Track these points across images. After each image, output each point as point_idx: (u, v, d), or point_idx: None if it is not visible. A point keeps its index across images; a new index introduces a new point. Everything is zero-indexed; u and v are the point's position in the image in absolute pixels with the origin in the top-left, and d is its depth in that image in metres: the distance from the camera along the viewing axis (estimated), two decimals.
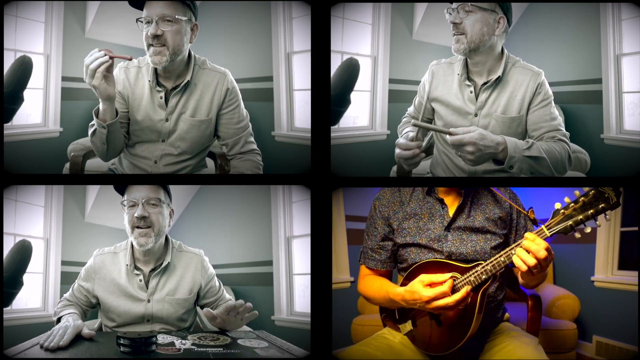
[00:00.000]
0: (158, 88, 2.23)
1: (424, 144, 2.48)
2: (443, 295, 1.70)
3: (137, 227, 2.11)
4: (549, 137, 2.11)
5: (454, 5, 2.11)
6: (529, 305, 2.20)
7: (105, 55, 2.00)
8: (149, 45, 2.12)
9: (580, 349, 3.32)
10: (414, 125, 1.99)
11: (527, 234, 1.67)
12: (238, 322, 2.09)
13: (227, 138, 2.33)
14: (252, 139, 2.38)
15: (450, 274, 1.75)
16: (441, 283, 1.72)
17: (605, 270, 3.30)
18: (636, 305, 2.49)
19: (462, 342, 1.78)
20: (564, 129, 2.15)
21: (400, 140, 2.07)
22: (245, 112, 2.36)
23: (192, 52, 2.27)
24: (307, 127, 2.27)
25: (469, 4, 2.08)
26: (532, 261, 1.63)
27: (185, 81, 2.22)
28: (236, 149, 2.34)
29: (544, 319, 3.00)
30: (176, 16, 2.11)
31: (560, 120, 2.17)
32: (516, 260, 1.67)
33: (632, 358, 2.91)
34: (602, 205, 1.65)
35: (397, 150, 2.06)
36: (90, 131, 2.19)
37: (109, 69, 2.02)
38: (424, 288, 1.73)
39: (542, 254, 1.62)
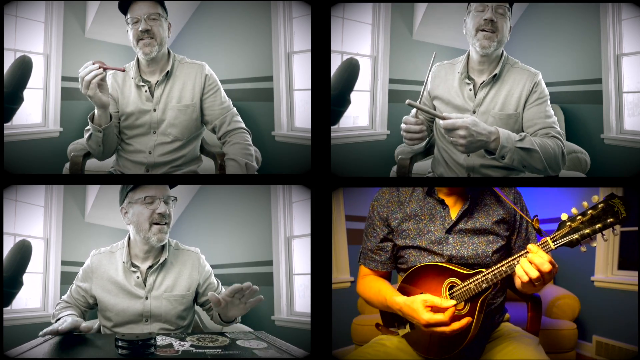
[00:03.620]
0: (141, 83, 2.37)
1: (424, 143, 2.50)
2: (441, 325, 1.68)
3: (157, 224, 2.15)
4: (542, 134, 2.14)
5: (487, 2, 2.15)
6: (529, 305, 2.20)
7: (99, 67, 2.17)
8: (139, 40, 2.31)
9: (580, 349, 3.32)
10: (409, 104, 2.00)
11: (530, 246, 1.65)
12: (242, 307, 2.07)
13: (214, 119, 2.42)
14: (238, 118, 2.46)
15: (453, 302, 1.71)
16: (443, 310, 1.69)
17: (605, 270, 3.30)
18: (636, 305, 2.49)
19: (461, 347, 1.77)
20: (558, 128, 2.18)
21: (407, 117, 2.15)
22: (226, 97, 2.47)
23: (171, 50, 2.44)
24: (307, 127, 2.27)
25: (505, 7, 2.16)
26: (534, 274, 1.61)
27: (166, 72, 2.38)
28: (224, 128, 2.42)
29: (544, 319, 3.00)
30: (159, 13, 2.33)
31: (555, 119, 2.20)
32: (519, 271, 1.64)
33: (632, 358, 2.91)
34: (611, 219, 1.60)
35: (403, 125, 2.13)
36: (86, 135, 2.32)
37: (103, 79, 2.19)
38: (424, 310, 1.70)
39: (546, 267, 1.60)
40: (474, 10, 2.19)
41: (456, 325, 1.69)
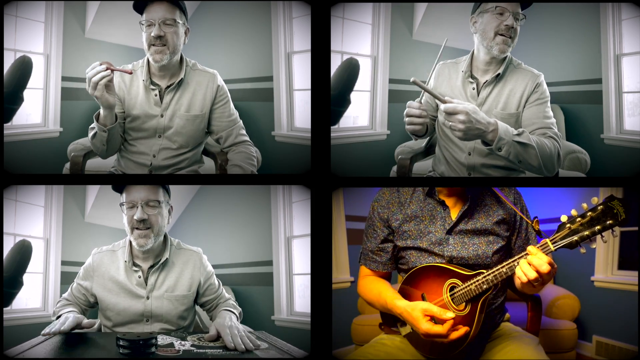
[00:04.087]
0: (152, 87, 2.33)
1: (425, 143, 2.50)
2: (439, 336, 1.70)
3: (137, 229, 2.13)
4: (540, 134, 2.14)
5: (508, 7, 2.16)
6: (529, 305, 2.20)
7: (107, 69, 2.12)
8: (150, 45, 2.26)
9: (580, 349, 3.32)
10: (413, 82, 1.99)
11: (530, 248, 1.66)
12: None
13: (220, 131, 2.41)
14: (244, 132, 2.46)
15: (452, 315, 1.72)
16: (442, 322, 1.71)
17: (605, 270, 3.30)
18: (636, 305, 2.49)
19: (462, 347, 1.77)
20: (556, 129, 2.18)
21: (411, 101, 2.14)
22: (234, 110, 2.46)
23: (184, 55, 2.39)
24: (307, 127, 2.27)
25: (520, 14, 2.19)
26: (533, 274, 1.62)
27: (179, 79, 2.34)
28: (230, 140, 2.42)
29: (544, 319, 3.00)
30: (175, 19, 2.26)
31: (554, 121, 2.20)
32: (518, 272, 1.66)
33: (632, 358, 2.92)
34: (610, 221, 1.60)
35: (407, 109, 2.13)
36: (90, 134, 2.29)
37: (111, 80, 2.15)
38: (423, 319, 1.72)
39: (545, 268, 1.61)
40: (492, 12, 2.17)
41: (454, 335, 1.70)
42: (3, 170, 2.19)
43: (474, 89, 2.25)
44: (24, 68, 2.71)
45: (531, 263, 1.63)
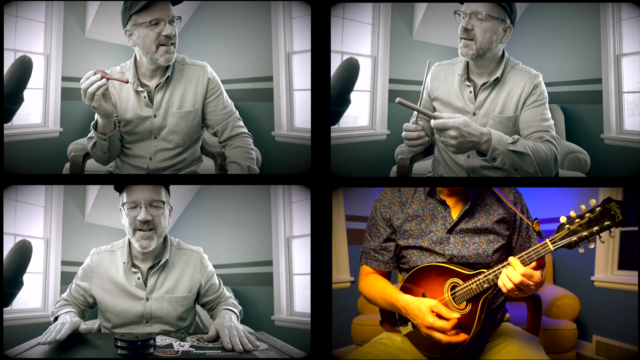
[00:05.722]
0: (140, 88, 2.29)
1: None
2: (442, 330, 1.72)
3: (140, 230, 2.09)
4: (537, 137, 2.13)
5: (467, 10, 2.13)
6: (528, 305, 2.20)
7: (102, 78, 2.09)
8: (159, 46, 2.21)
9: (580, 349, 3.32)
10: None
11: (510, 258, 1.69)
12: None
13: (215, 125, 2.37)
14: (240, 123, 2.42)
15: (458, 314, 1.74)
16: (448, 319, 1.72)
17: (605, 270, 3.30)
18: (636, 305, 2.49)
19: (462, 346, 1.77)
20: (554, 132, 2.17)
21: (407, 124, 2.14)
22: (229, 100, 2.41)
23: None
24: (307, 127, 2.27)
25: (484, 12, 2.12)
26: (510, 285, 1.66)
27: (166, 77, 2.29)
28: (226, 133, 2.38)
29: (544, 318, 3.00)
30: (180, 17, 2.25)
31: (551, 122, 2.18)
32: (499, 283, 1.69)
33: (632, 358, 2.92)
34: (608, 222, 1.62)
35: (404, 133, 2.13)
36: (90, 144, 2.27)
37: (107, 88, 2.11)
38: (430, 313, 1.73)
39: (516, 279, 1.64)
40: (457, 16, 2.18)
41: (454, 338, 1.72)
42: (3, 170, 2.19)
43: (471, 92, 2.24)
44: (24, 68, 2.71)
45: (506, 274, 1.67)
